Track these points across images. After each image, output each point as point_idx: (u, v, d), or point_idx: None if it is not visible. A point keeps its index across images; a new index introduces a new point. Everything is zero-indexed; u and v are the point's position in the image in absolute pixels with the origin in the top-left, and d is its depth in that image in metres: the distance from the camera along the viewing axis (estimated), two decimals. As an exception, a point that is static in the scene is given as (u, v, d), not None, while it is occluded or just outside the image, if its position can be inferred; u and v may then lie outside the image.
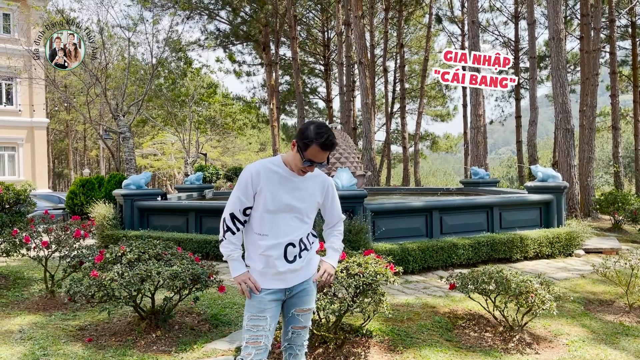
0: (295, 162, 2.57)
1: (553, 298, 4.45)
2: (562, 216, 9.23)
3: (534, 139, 18.42)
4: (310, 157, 2.51)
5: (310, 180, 2.70)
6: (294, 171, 2.61)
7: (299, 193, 2.65)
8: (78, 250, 5.42)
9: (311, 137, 2.49)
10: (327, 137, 2.50)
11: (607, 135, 32.32)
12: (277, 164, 2.64)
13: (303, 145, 2.51)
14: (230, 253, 2.64)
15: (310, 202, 2.71)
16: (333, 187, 2.85)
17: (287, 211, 2.62)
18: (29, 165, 26.48)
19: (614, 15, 20.36)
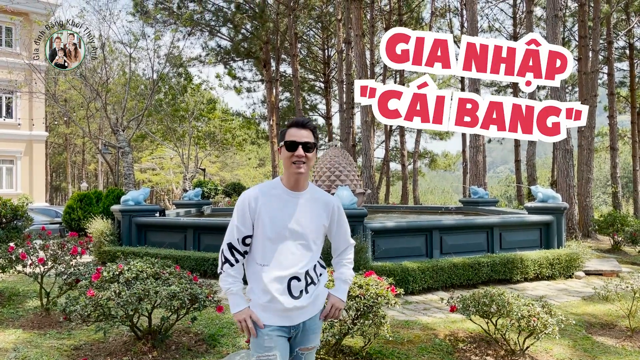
0: (285, 162, 2.41)
1: (555, 322, 4.39)
2: (562, 237, 9.20)
3: (533, 159, 18.46)
4: (289, 138, 2.39)
5: (313, 201, 2.50)
6: (292, 186, 2.43)
7: (302, 216, 2.44)
8: (74, 268, 5.36)
9: (286, 126, 2.45)
10: (300, 118, 2.46)
11: (605, 155, 32.42)
12: (275, 185, 2.47)
13: (282, 136, 2.45)
14: (229, 287, 2.42)
15: (315, 226, 2.47)
16: (340, 208, 2.61)
17: (290, 237, 2.39)
18: (27, 178, 26.40)
19: (611, 37, 20.56)
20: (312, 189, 2.53)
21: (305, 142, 2.39)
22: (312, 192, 2.52)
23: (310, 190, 2.51)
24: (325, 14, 29.50)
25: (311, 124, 2.46)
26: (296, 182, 2.43)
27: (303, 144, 2.39)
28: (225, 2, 25.68)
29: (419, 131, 28.25)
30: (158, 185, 38.86)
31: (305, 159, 2.38)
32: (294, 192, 2.44)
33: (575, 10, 21.97)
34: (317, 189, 2.57)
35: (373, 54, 27.44)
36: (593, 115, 16.90)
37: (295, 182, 2.43)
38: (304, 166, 2.39)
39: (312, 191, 2.52)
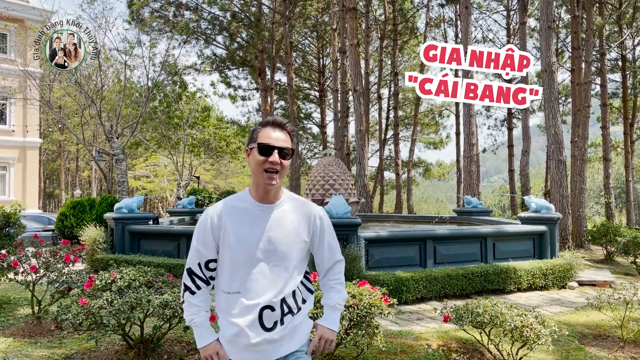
0: (255, 169, 2.01)
1: (548, 332, 4.40)
2: (555, 247, 9.23)
3: (526, 169, 18.56)
4: (264, 140, 1.99)
5: (290, 213, 2.09)
6: (262, 197, 2.05)
7: (276, 232, 2.04)
8: (67, 276, 5.33)
9: (257, 126, 2.09)
10: (276, 117, 2.08)
11: (598, 166, 32.66)
12: (242, 198, 2.09)
13: (252, 137, 2.06)
14: (192, 318, 2.08)
15: (293, 243, 2.06)
16: (324, 218, 2.20)
17: (263, 259, 2.01)
18: (20, 185, 26.27)
19: (604, 48, 20.78)
20: (288, 198, 2.14)
21: (282, 147, 2.00)
22: (288, 203, 2.12)
23: (286, 200, 2.12)
24: (320, 23, 29.67)
25: (289, 126, 2.08)
26: (266, 192, 2.05)
27: (279, 149, 1.99)
28: (221, 11, 25.78)
29: (413, 140, 28.35)
30: (152, 193, 38.75)
31: (280, 167, 2.00)
32: (265, 204, 2.06)
33: (568, 22, 22.21)
34: (294, 197, 2.17)
35: (368, 63, 27.61)
36: (586, 126, 17.03)
37: (265, 193, 2.05)
38: (276, 177, 2.00)
39: (289, 201, 2.13)
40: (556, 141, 13.28)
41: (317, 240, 2.18)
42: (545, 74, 13.43)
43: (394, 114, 29.06)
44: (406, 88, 33.80)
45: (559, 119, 13.37)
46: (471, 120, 15.57)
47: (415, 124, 28.46)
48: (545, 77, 13.43)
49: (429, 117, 33.84)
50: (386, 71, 30.80)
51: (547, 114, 13.45)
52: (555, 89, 13.46)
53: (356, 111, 17.93)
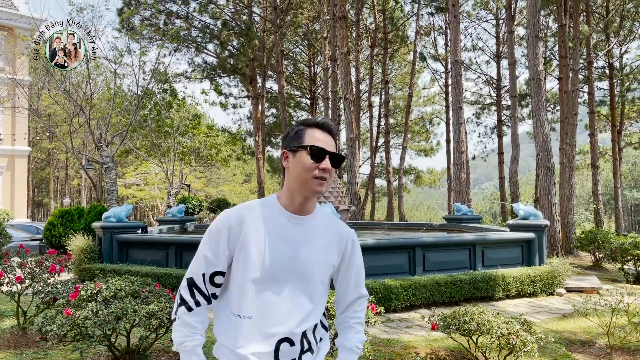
0: (301, 174, 1.69)
1: (535, 340, 4.42)
2: (543, 254, 9.28)
3: (515, 176, 18.68)
4: (316, 143, 1.70)
5: (323, 229, 1.79)
6: (297, 207, 1.74)
7: (308, 249, 1.72)
8: (52, 286, 5.28)
9: (300, 124, 1.78)
10: (325, 120, 1.80)
11: (586, 172, 32.94)
12: (269, 204, 1.76)
13: (296, 137, 1.74)
14: (182, 340, 1.67)
15: (322, 264, 1.76)
16: (356, 243, 1.89)
17: (287, 279, 1.69)
18: (8, 193, 26.06)
19: (591, 57, 21.02)
20: (321, 212, 1.83)
21: (335, 153, 1.74)
22: (320, 217, 1.81)
23: (319, 215, 1.81)
24: (311, 31, 29.80)
25: (336, 130, 1.85)
26: (304, 203, 1.74)
27: (332, 155, 1.71)
28: (212, 19, 25.83)
29: (404, 148, 28.48)
30: (142, 201, 38.57)
31: (328, 175, 1.72)
32: (298, 215, 1.75)
33: (556, 31, 22.46)
34: (326, 212, 1.87)
35: (358, 71, 27.72)
36: (574, 134, 17.19)
37: (303, 203, 1.74)
38: (325, 183, 1.70)
39: (321, 215, 1.82)
40: (544, 149, 13.39)
41: (345, 267, 1.87)
42: (533, 82, 13.55)
43: (385, 121, 29.19)
44: (397, 96, 34.05)
45: (547, 126, 13.48)
46: (461, 128, 15.67)
47: (406, 131, 28.59)
48: (533, 85, 13.56)
49: (419, 125, 34.04)
50: (377, 79, 30.96)
51: (535, 121, 13.56)
52: (543, 97, 13.58)
53: (347, 119, 17.99)
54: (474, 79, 31.28)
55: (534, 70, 13.48)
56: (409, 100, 28.39)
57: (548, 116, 14.80)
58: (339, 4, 17.64)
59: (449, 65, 22.82)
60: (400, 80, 33.48)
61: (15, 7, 26.15)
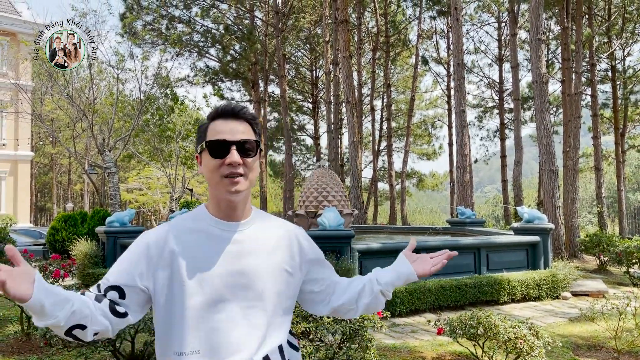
0: (211, 177, 1.44)
1: (542, 344, 4.38)
2: (548, 258, 9.23)
3: (519, 179, 18.65)
4: (215, 136, 1.43)
5: (265, 233, 1.52)
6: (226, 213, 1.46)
7: (250, 258, 1.45)
8: (57, 291, 5.26)
9: (207, 119, 1.52)
10: (228, 104, 1.50)
11: (590, 175, 32.86)
12: (199, 216, 1.49)
13: (201, 135, 1.49)
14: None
15: (272, 273, 1.48)
16: (309, 238, 1.65)
17: (231, 298, 1.40)
18: (11, 198, 26.09)
19: (594, 59, 21.00)
20: (259, 215, 1.57)
21: (242, 140, 1.44)
22: (260, 220, 1.55)
23: (257, 218, 1.55)
24: (313, 35, 29.84)
25: (247, 112, 1.52)
26: (231, 207, 1.46)
27: (238, 144, 1.43)
28: (214, 24, 25.91)
29: (406, 151, 28.47)
30: (145, 206, 38.56)
31: (245, 169, 1.44)
32: (230, 222, 1.47)
33: (558, 34, 22.45)
34: (265, 214, 1.61)
35: (360, 74, 27.75)
36: (577, 136, 17.16)
37: (229, 208, 1.46)
38: (241, 180, 1.42)
39: (260, 218, 1.56)
40: (548, 152, 13.35)
41: (317, 266, 1.63)
42: (536, 85, 13.53)
43: (387, 125, 29.18)
44: (399, 99, 34.06)
45: (550, 129, 13.45)
46: (464, 131, 15.65)
47: (408, 135, 28.58)
48: (536, 88, 13.54)
49: (421, 129, 34.03)
50: (379, 83, 30.99)
51: (538, 124, 13.53)
52: (546, 100, 13.56)
53: (349, 123, 17.98)
54: (476, 82, 31.32)
55: (537, 73, 13.46)
56: (411, 103, 28.40)
57: (551, 119, 14.76)
58: (340, 8, 17.66)
59: (451, 69, 22.82)
60: (403, 83, 33.51)
61: (18, 12, 26.25)
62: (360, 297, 1.63)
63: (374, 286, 1.63)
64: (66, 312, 1.24)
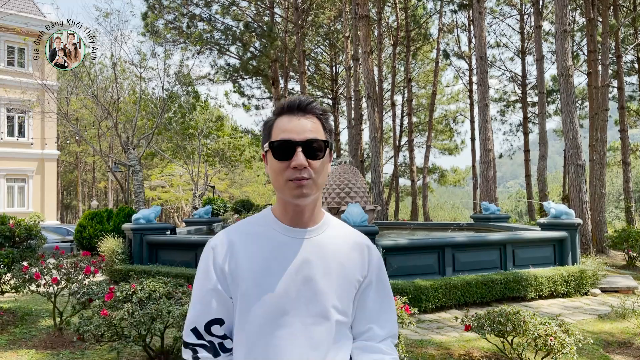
0: (276, 179, 1.33)
1: (573, 341, 4.32)
2: (576, 254, 9.09)
3: (543, 174, 18.37)
4: (280, 135, 1.31)
5: (337, 241, 1.39)
6: (292, 219, 1.36)
7: (318, 269, 1.33)
8: (87, 287, 5.37)
9: (273, 114, 1.40)
10: (296, 98, 1.36)
11: (617, 170, 32.19)
12: (263, 220, 1.40)
13: (266, 134, 1.37)
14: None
15: (342, 285, 1.35)
16: (380, 258, 1.47)
17: (295, 311, 1.30)
18: (39, 196, 26.64)
19: (620, 51, 20.54)
20: (330, 221, 1.44)
21: (308, 139, 1.30)
22: (330, 228, 1.42)
23: (327, 225, 1.42)
24: (333, 31, 29.77)
25: (317, 106, 1.37)
26: (298, 212, 1.36)
27: (304, 144, 1.29)
28: (234, 21, 26.01)
29: (427, 146, 28.26)
30: (168, 203, 39.03)
31: (311, 172, 1.29)
32: (297, 228, 1.37)
33: (583, 25, 21.99)
34: (337, 221, 1.47)
35: (381, 69, 27.60)
36: (604, 129, 16.81)
37: (296, 213, 1.36)
38: (309, 184, 1.29)
39: (331, 225, 1.43)
40: (574, 145, 13.12)
41: (374, 289, 1.42)
42: (562, 77, 13.30)
43: (408, 120, 29.00)
44: (420, 94, 33.79)
45: (576, 122, 13.21)
46: (487, 126, 15.47)
47: (430, 130, 28.37)
48: (562, 81, 13.30)
49: (443, 124, 33.72)
50: (399, 77, 30.79)
51: (564, 118, 13.30)
52: (572, 93, 13.31)
53: (370, 118, 17.91)
54: (498, 76, 31.01)
55: (563, 66, 13.22)
56: (432, 98, 28.17)
57: (577, 112, 14.49)
58: (360, 3, 17.57)
59: (473, 63, 22.56)
60: (423, 78, 33.25)
61: (43, 14, 26.72)
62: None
63: None
64: None
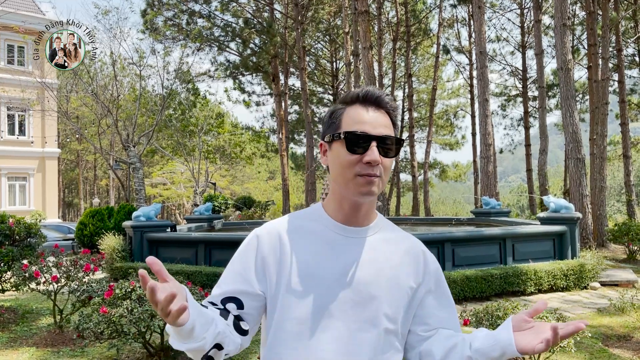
0: (341, 172, 1.21)
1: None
2: (576, 247, 9.10)
3: (544, 168, 18.35)
4: (355, 126, 1.20)
5: (389, 244, 1.29)
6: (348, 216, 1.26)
7: (369, 270, 1.23)
8: (87, 285, 5.39)
9: (341, 103, 1.29)
10: (369, 89, 1.26)
11: (618, 163, 32.14)
12: (315, 215, 1.30)
13: (333, 121, 1.26)
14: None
15: (392, 288, 1.24)
16: (438, 266, 1.35)
17: (344, 315, 1.19)
18: (40, 195, 26.69)
19: (621, 44, 20.47)
20: (383, 222, 1.34)
21: (384, 135, 1.21)
22: (384, 229, 1.32)
23: (381, 225, 1.32)
24: (332, 27, 29.71)
25: (391, 101, 1.27)
26: (356, 209, 1.26)
27: (380, 139, 1.20)
28: (234, 18, 25.97)
29: (428, 141, 28.24)
30: (169, 200, 39.09)
31: (382, 169, 1.20)
32: (351, 227, 1.27)
33: (584, 19, 21.93)
34: (389, 223, 1.37)
35: (381, 65, 27.55)
36: (605, 123, 16.79)
37: (353, 210, 1.26)
38: (377, 181, 1.20)
39: (384, 227, 1.33)
40: (574, 139, 13.11)
41: (433, 295, 1.30)
42: (562, 71, 13.27)
43: (409, 115, 28.97)
44: (420, 89, 33.75)
45: (576, 117, 13.19)
46: (487, 120, 15.44)
47: (431, 125, 28.35)
48: (562, 75, 13.28)
49: (443, 119, 33.69)
50: (400, 73, 30.74)
51: (564, 112, 13.28)
52: (572, 87, 13.29)
53: (370, 114, 17.88)
54: (499, 71, 30.83)
55: (563, 60, 13.19)
56: (433, 93, 28.13)
57: (577, 106, 14.47)
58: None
59: (474, 57, 22.50)
60: (424, 73, 33.21)
61: (42, 12, 26.71)
62: (447, 357, 1.23)
63: (464, 350, 1.20)
64: (212, 333, 1.09)
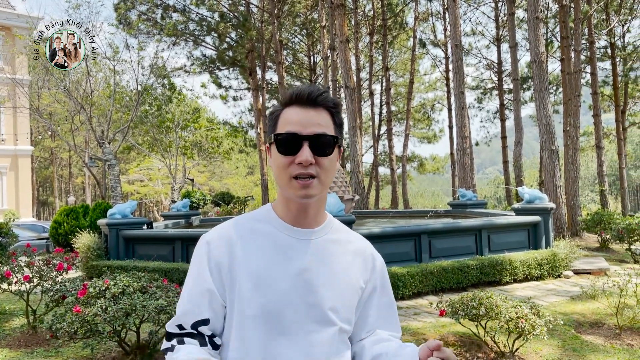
0: (279, 174, 1.22)
1: (543, 323, 4.41)
2: (549, 237, 9.26)
3: (519, 160, 18.61)
4: (286, 127, 1.21)
5: (340, 245, 1.32)
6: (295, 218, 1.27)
7: (320, 273, 1.24)
8: (60, 284, 5.30)
9: (280, 104, 1.28)
10: (306, 87, 1.24)
11: (591, 154, 32.81)
12: (265, 217, 1.30)
13: (271, 125, 1.27)
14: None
15: (345, 291, 1.27)
16: (384, 266, 1.42)
17: (297, 317, 1.20)
18: (13, 194, 26.16)
19: (593, 37, 20.83)
20: (333, 223, 1.35)
21: (316, 134, 1.20)
22: (334, 230, 1.34)
23: (331, 226, 1.34)
24: (309, 20, 29.63)
25: (328, 98, 1.25)
26: (302, 210, 1.26)
27: (312, 139, 1.19)
28: (209, 12, 25.72)
29: (406, 135, 28.39)
30: (146, 197, 38.67)
31: (318, 169, 1.20)
32: (300, 228, 1.27)
33: (556, 12, 22.24)
34: (339, 224, 1.39)
35: (358, 59, 27.61)
36: (578, 115, 17.09)
37: (300, 211, 1.26)
38: (314, 184, 1.20)
39: (334, 228, 1.35)
40: (548, 131, 13.32)
41: (377, 297, 1.36)
42: (535, 64, 13.45)
43: (387, 109, 29.09)
44: (398, 83, 33.90)
45: (550, 108, 13.40)
46: (463, 113, 15.59)
47: (408, 118, 28.50)
48: (535, 67, 13.46)
49: (421, 112, 33.92)
50: (377, 66, 30.82)
51: (537, 104, 13.48)
52: (545, 79, 13.49)
53: (348, 108, 17.92)
54: (475, 64, 31.32)
55: (536, 53, 13.37)
56: (410, 86, 28.27)
57: (551, 98, 14.69)
58: (336, -8, 17.49)
59: (449, 51, 22.66)
60: (401, 67, 33.35)
61: (12, 6, 26.08)
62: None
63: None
64: None
